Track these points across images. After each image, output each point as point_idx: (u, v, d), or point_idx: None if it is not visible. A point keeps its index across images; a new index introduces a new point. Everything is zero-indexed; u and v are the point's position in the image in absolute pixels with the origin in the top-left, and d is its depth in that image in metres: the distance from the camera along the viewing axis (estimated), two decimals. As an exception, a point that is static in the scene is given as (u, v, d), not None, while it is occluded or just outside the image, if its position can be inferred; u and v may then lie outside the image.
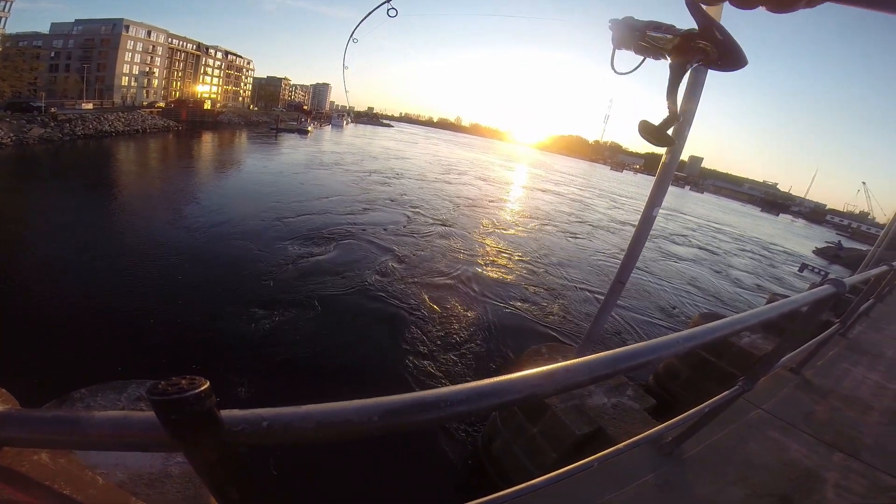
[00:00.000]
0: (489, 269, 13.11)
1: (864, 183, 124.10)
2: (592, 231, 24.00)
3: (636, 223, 3.47)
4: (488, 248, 15.53)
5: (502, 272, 13.05)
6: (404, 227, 16.66)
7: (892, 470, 2.54)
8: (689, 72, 2.89)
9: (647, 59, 2.43)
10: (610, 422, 3.82)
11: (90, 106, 47.23)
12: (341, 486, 4.91)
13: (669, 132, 2.41)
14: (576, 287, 13.03)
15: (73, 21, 62.80)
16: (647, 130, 2.38)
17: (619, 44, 2.47)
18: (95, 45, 61.74)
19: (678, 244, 25.75)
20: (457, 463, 5.44)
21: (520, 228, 20.49)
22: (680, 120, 2.43)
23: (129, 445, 0.56)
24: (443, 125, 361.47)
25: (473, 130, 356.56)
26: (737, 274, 21.08)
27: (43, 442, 0.70)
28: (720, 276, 19.60)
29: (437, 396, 0.58)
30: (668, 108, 2.32)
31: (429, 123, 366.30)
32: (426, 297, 10.14)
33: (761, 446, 2.54)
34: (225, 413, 0.51)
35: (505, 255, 15.08)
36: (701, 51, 2.10)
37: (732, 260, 25.01)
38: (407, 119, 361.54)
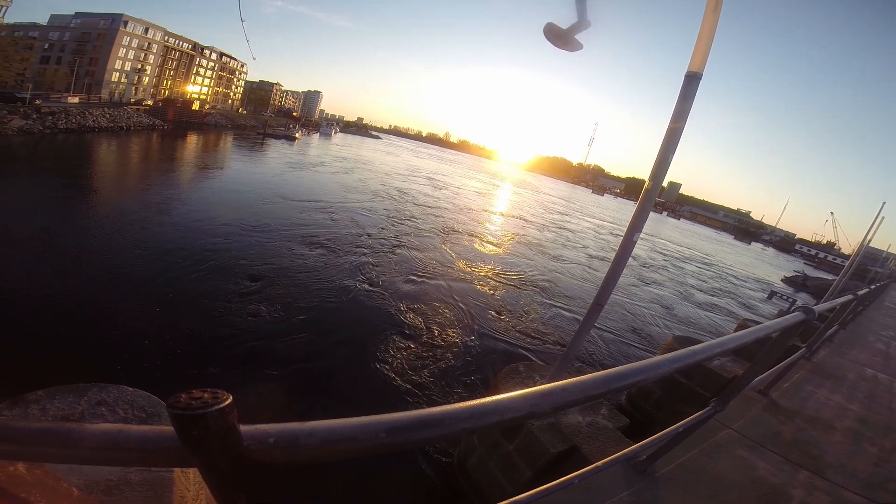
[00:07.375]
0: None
1: (832, 213, 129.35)
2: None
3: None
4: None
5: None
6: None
7: (855, 487, 2.63)
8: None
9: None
10: (585, 440, 3.83)
11: (76, 100, 46.03)
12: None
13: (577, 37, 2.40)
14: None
15: (72, 14, 61.39)
16: (554, 33, 2.33)
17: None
18: (91, 39, 60.42)
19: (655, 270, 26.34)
20: (431, 479, 5.35)
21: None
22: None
23: (130, 461, 0.54)
24: (431, 140, 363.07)
25: (462, 147, 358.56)
26: (712, 300, 21.73)
27: (29, 455, 0.64)
28: (695, 302, 20.12)
29: (441, 414, 0.59)
30: (578, 12, 2.32)
31: (417, 137, 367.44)
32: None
33: (730, 465, 2.61)
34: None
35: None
36: None
37: (708, 286, 25.74)
38: (395, 132, 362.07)
